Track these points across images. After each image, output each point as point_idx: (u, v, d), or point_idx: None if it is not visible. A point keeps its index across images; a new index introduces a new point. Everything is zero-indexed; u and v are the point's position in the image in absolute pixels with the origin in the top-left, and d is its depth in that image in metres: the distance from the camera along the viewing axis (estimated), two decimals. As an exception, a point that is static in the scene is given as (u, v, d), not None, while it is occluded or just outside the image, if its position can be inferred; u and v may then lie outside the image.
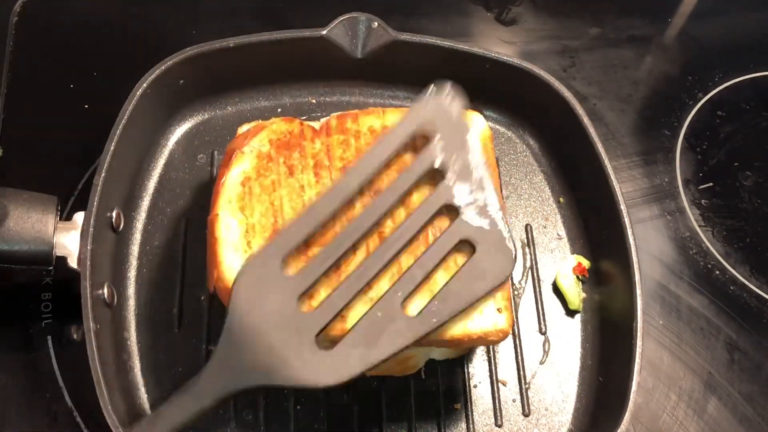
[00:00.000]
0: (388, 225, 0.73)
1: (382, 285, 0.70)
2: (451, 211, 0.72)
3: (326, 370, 0.66)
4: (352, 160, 0.78)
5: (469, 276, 0.69)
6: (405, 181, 0.73)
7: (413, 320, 0.68)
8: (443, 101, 0.75)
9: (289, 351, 0.66)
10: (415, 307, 0.69)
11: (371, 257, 0.70)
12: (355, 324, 0.68)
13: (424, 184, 0.74)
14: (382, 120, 0.80)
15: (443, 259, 0.71)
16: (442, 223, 0.73)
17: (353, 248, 0.71)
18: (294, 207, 0.75)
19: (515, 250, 0.70)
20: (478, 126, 0.82)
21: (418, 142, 0.75)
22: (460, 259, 0.71)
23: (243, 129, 0.81)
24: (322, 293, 0.69)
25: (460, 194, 0.72)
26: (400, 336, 0.67)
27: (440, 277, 0.71)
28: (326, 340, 0.69)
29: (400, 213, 0.73)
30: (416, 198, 0.74)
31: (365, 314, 0.68)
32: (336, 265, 0.70)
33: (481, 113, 0.85)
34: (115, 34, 1.04)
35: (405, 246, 0.71)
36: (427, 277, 0.70)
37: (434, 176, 0.73)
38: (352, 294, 0.68)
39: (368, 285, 0.70)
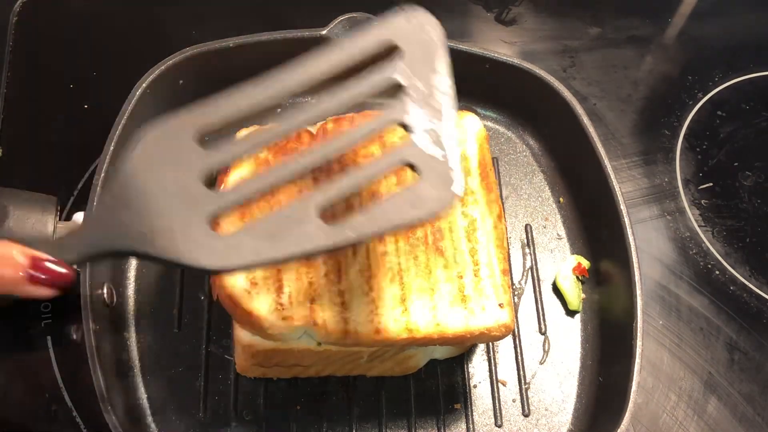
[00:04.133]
0: (339, 135, 0.66)
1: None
2: (406, 131, 0.65)
3: (212, 251, 0.59)
4: (349, 163, 0.77)
5: (404, 200, 0.62)
6: (359, 87, 0.65)
7: (326, 227, 0.61)
8: (421, 17, 0.68)
9: (176, 221, 0.59)
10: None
11: (301, 155, 0.63)
12: (261, 217, 0.61)
13: (386, 102, 0.66)
14: (378, 122, 0.80)
15: (380, 177, 0.64)
16: (395, 143, 0.67)
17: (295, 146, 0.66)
18: None
19: (461, 187, 0.63)
20: (473, 126, 0.82)
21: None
22: (402, 185, 0.66)
23: (241, 134, 0.81)
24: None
25: (416, 116, 0.65)
26: (307, 240, 0.60)
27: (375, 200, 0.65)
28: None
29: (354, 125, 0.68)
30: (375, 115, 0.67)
31: (276, 210, 0.61)
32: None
33: (477, 113, 0.85)
34: (115, 34, 1.04)
35: (343, 155, 0.65)
36: (357, 191, 0.64)
37: (397, 94, 0.66)
38: (266, 184, 0.62)
39: (292, 183, 0.64)
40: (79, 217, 0.77)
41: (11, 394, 0.79)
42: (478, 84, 0.94)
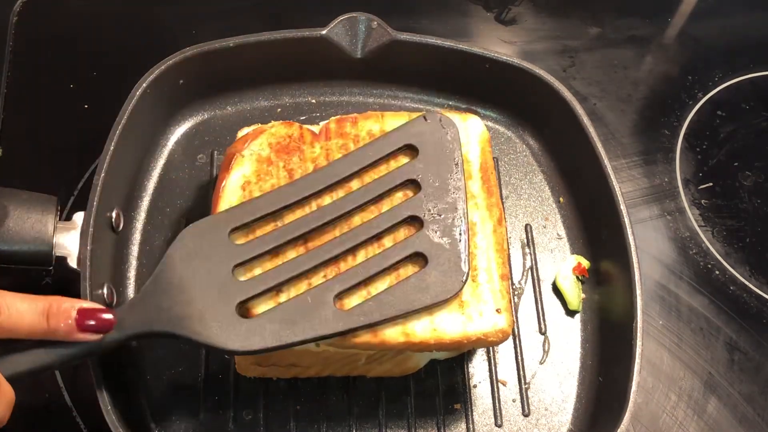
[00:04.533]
0: (356, 224, 0.74)
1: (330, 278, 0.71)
2: (418, 224, 0.73)
3: (237, 335, 0.67)
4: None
5: (412, 286, 0.70)
6: (378, 184, 0.75)
7: (341, 313, 0.69)
8: (439, 120, 0.77)
9: (207, 308, 0.67)
10: (351, 304, 0.70)
11: (320, 247, 0.71)
12: (283, 302, 0.69)
13: (401, 196, 0.75)
14: (381, 124, 0.80)
15: (393, 266, 0.71)
16: (407, 233, 0.73)
17: (315, 237, 0.73)
18: (293, 211, 0.75)
19: (466, 275, 0.71)
20: (476, 129, 0.82)
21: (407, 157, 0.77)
22: (412, 271, 0.72)
23: (242, 132, 0.81)
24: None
25: (430, 209, 0.73)
26: (323, 325, 0.68)
27: (386, 284, 0.71)
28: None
29: (370, 215, 0.74)
30: (390, 206, 0.75)
31: (296, 296, 0.69)
32: (301, 244, 0.72)
33: (477, 113, 0.85)
34: (115, 34, 1.04)
35: (359, 245, 0.72)
36: (371, 278, 0.71)
37: (413, 189, 0.75)
38: (288, 275, 0.70)
39: (311, 272, 0.71)
40: (79, 217, 0.77)
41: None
42: (478, 84, 0.95)
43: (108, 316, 0.64)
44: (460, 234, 0.72)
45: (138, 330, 0.67)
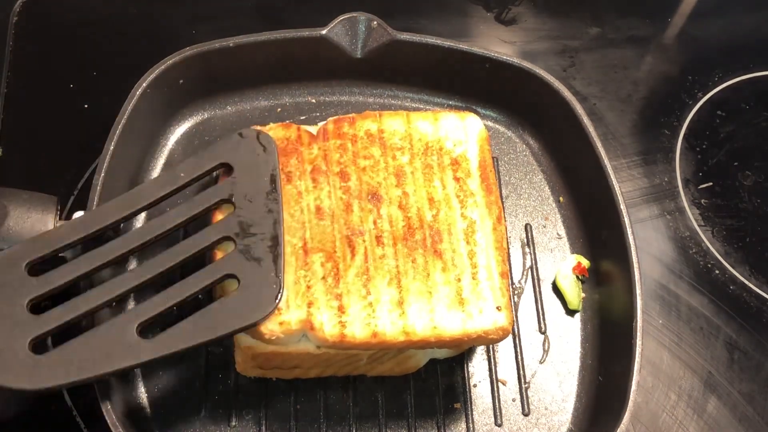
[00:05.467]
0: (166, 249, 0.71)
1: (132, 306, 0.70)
2: (232, 244, 0.71)
3: (28, 373, 0.63)
4: (349, 165, 0.78)
5: (217, 311, 0.68)
6: (190, 208, 0.72)
7: (144, 343, 0.66)
8: (256, 137, 0.76)
9: (1, 347, 0.64)
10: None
11: (123, 276, 0.69)
12: (82, 334, 0.66)
13: (219, 216, 0.73)
14: (379, 123, 0.80)
15: (201, 290, 0.69)
16: (220, 255, 0.71)
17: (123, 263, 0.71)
18: (292, 214, 0.75)
19: (280, 294, 0.68)
20: (474, 127, 0.82)
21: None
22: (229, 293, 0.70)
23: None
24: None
25: (243, 229, 0.71)
26: (123, 357, 0.65)
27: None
28: None
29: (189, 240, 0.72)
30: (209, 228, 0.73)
31: (95, 328, 0.66)
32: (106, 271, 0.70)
33: (477, 112, 0.85)
34: (115, 33, 1.04)
35: (165, 271, 0.70)
36: (175, 304, 0.68)
37: (227, 209, 0.73)
38: (87, 308, 0.67)
39: (114, 300, 0.68)
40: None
41: (11, 394, 0.79)
42: (478, 83, 0.95)
43: None
44: (275, 251, 0.70)
45: None
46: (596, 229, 0.89)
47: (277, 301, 0.68)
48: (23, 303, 0.66)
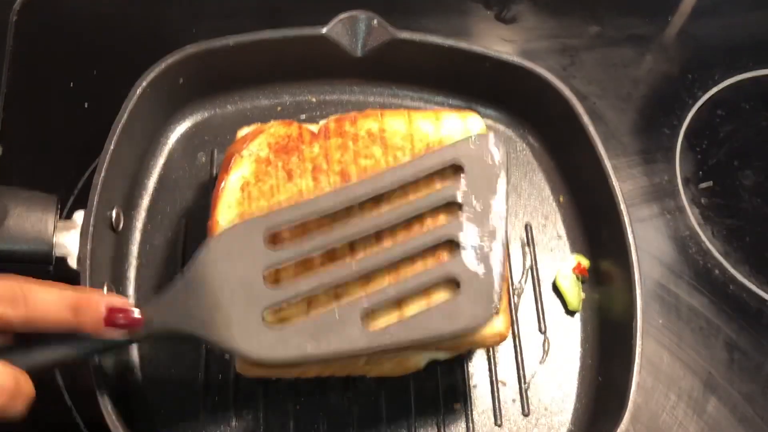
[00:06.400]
0: (392, 242, 0.72)
1: (360, 294, 0.70)
2: (456, 247, 0.71)
3: (260, 344, 0.66)
4: (350, 164, 0.78)
5: (441, 313, 0.69)
6: (419, 203, 0.72)
7: (367, 333, 0.68)
8: (487, 142, 0.74)
9: (234, 314, 0.66)
10: (378, 323, 0.69)
11: (354, 262, 0.70)
12: (311, 315, 0.69)
13: (442, 216, 0.73)
14: (380, 123, 0.80)
15: (424, 289, 0.70)
16: (443, 256, 0.72)
17: (348, 250, 0.71)
18: None
19: (497, 306, 0.69)
20: (476, 127, 0.82)
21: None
22: (443, 295, 0.70)
23: (242, 132, 0.81)
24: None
25: (468, 234, 0.71)
26: (348, 342, 0.67)
27: (416, 306, 0.70)
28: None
29: (407, 234, 0.73)
30: (429, 225, 0.73)
31: (325, 310, 0.68)
32: (328, 259, 0.71)
33: (477, 111, 0.85)
34: (115, 33, 1.04)
35: (393, 264, 0.71)
36: (402, 298, 0.70)
37: (454, 211, 0.72)
38: (316, 286, 0.68)
39: (342, 287, 0.69)
40: (79, 216, 0.77)
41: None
42: (478, 82, 0.94)
43: (137, 314, 0.64)
44: (497, 264, 0.70)
45: (163, 330, 0.66)
46: (596, 228, 0.89)
47: (493, 314, 0.69)
48: (260, 273, 0.67)
